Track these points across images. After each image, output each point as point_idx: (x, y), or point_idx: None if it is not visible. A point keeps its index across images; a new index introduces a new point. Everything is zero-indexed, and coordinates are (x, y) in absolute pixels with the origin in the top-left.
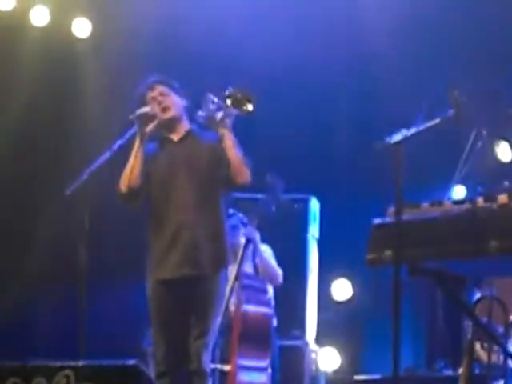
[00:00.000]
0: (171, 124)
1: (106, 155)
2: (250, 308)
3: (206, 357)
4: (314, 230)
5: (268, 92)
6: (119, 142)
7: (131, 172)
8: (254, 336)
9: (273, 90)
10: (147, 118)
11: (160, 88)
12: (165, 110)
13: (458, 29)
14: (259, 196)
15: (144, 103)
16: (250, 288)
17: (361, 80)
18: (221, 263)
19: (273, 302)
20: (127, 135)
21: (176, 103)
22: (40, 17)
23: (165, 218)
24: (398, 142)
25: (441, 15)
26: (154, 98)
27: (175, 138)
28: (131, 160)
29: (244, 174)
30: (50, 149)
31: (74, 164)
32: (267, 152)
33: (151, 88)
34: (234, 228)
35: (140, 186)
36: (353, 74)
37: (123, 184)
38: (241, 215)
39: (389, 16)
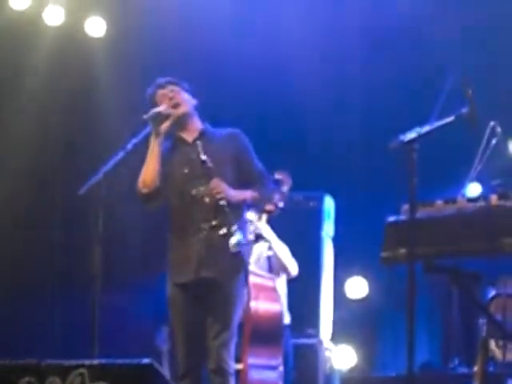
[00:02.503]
0: (183, 121)
1: (120, 155)
2: (260, 305)
3: (227, 355)
4: (328, 228)
5: (280, 90)
6: (133, 142)
7: (148, 172)
8: (264, 333)
9: (285, 88)
10: (161, 118)
11: (170, 87)
12: (176, 106)
13: (471, 23)
14: None
15: (154, 103)
16: (259, 286)
17: (376, 78)
18: (239, 267)
19: (285, 300)
20: (141, 135)
21: (186, 100)
22: (54, 16)
23: (184, 222)
24: (412, 141)
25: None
26: (164, 95)
27: (189, 138)
28: (148, 160)
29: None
30: (63, 146)
31: (88, 163)
32: (281, 150)
33: (162, 87)
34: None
35: (159, 187)
36: (367, 71)
37: (142, 184)
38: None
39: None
